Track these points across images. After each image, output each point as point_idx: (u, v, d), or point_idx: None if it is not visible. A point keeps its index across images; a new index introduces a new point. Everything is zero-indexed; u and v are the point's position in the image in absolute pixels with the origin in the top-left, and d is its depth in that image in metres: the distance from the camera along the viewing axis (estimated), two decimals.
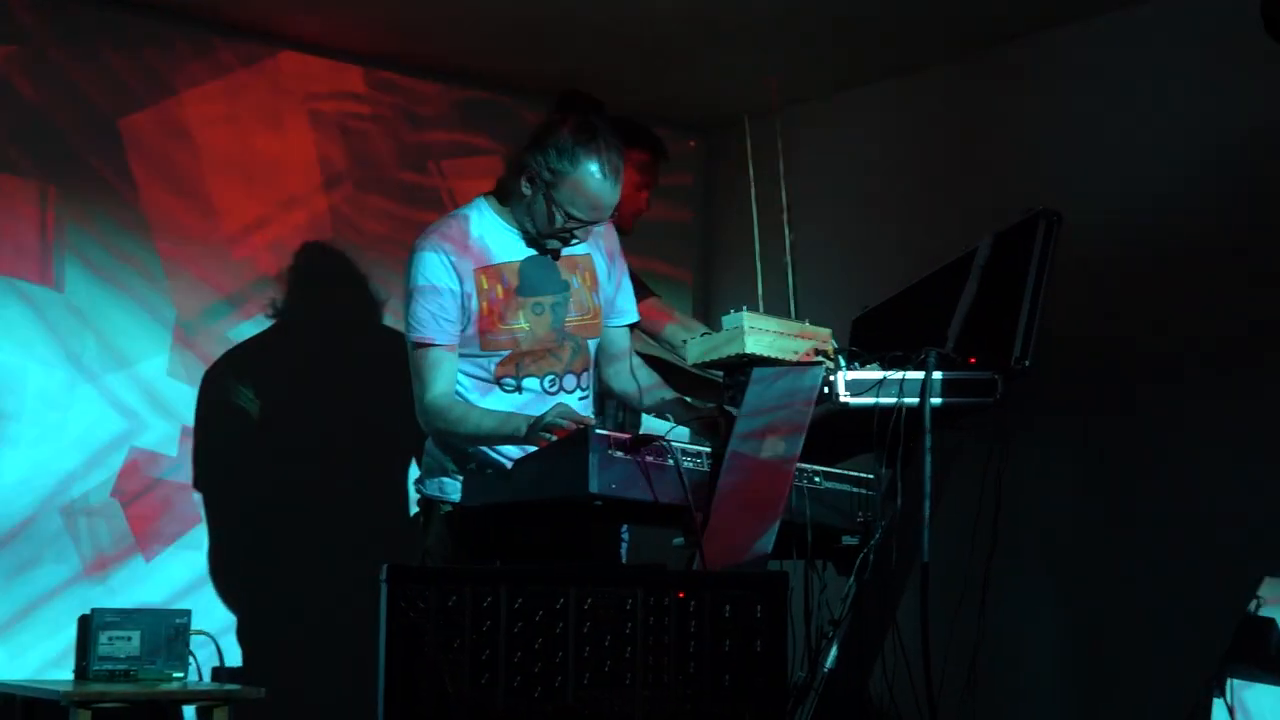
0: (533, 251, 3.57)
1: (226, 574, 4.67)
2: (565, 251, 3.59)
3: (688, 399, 3.74)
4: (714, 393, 3.79)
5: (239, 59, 4.84)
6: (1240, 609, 4.19)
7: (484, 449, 3.51)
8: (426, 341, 3.50)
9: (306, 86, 4.96)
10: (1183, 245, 4.22)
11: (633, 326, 3.84)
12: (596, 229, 3.58)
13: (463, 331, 3.52)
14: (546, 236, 3.53)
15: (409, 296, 3.53)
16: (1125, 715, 4.17)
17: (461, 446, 3.54)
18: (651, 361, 4.06)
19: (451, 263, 3.50)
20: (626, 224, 4.15)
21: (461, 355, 3.54)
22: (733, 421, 3.42)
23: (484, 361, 3.54)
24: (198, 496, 4.65)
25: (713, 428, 3.49)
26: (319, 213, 4.96)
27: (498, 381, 3.55)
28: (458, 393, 3.53)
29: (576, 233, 3.53)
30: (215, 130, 4.79)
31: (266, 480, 4.75)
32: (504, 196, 3.58)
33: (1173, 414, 4.18)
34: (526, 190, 3.50)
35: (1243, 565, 4.02)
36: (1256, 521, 3.95)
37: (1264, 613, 4.53)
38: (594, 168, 3.45)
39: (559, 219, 3.48)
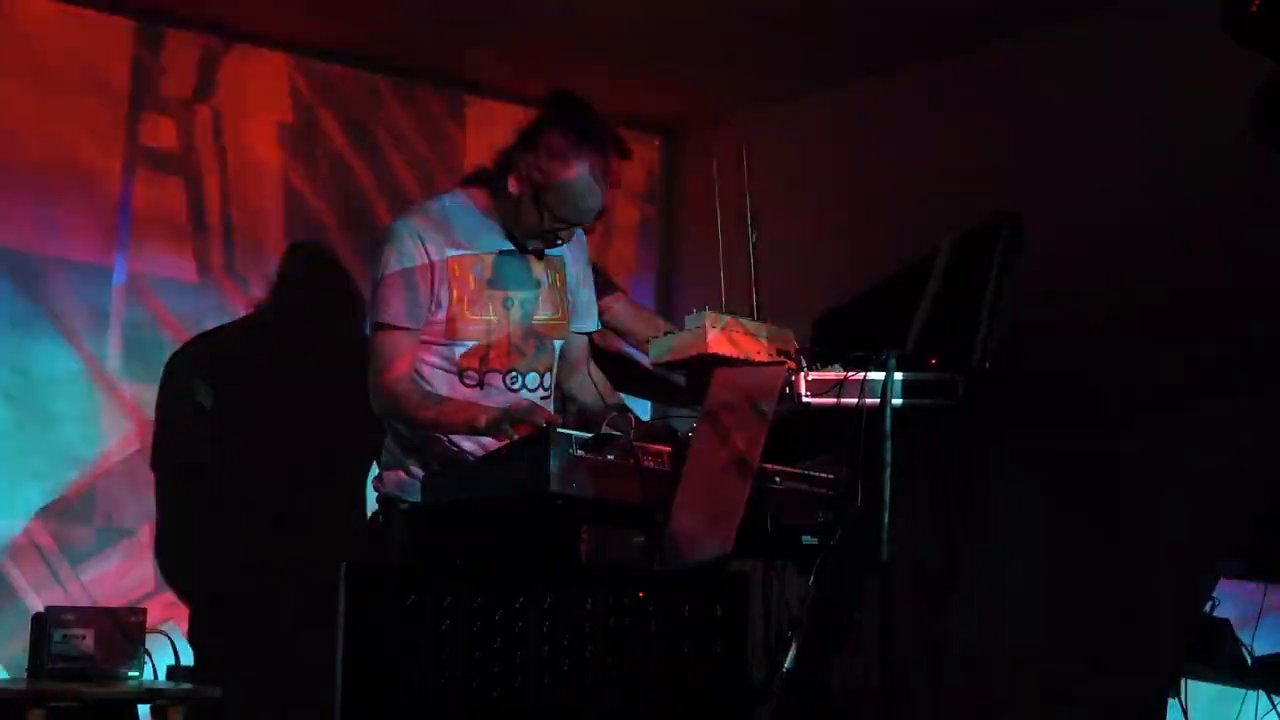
0: (507, 245, 3.56)
1: (182, 572, 4.63)
2: None
3: (633, 413, 3.73)
4: (677, 394, 3.79)
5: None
6: (1196, 610, 4.23)
7: (445, 444, 3.49)
8: (390, 322, 3.48)
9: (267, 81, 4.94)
10: (1144, 246, 4.24)
11: (595, 329, 3.84)
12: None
13: (429, 317, 3.50)
14: (531, 236, 3.53)
15: (377, 277, 3.50)
16: (1085, 715, 4.19)
17: (418, 440, 3.52)
18: (615, 360, 4.06)
19: (425, 247, 3.48)
20: (590, 223, 4.14)
21: (426, 343, 3.51)
22: (674, 434, 3.43)
23: (448, 351, 3.53)
24: (153, 491, 4.62)
25: (655, 442, 3.47)
26: (281, 205, 4.93)
27: (460, 373, 3.53)
28: (418, 382, 3.51)
29: (561, 234, 3.53)
30: None
31: (223, 476, 4.72)
32: (488, 191, 3.57)
33: (1131, 415, 4.20)
34: (514, 189, 3.49)
35: (1200, 566, 4.05)
36: (1214, 523, 3.97)
37: (1219, 614, 4.57)
38: (584, 170, 3.45)
39: (547, 219, 3.48)
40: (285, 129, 4.92)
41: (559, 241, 3.56)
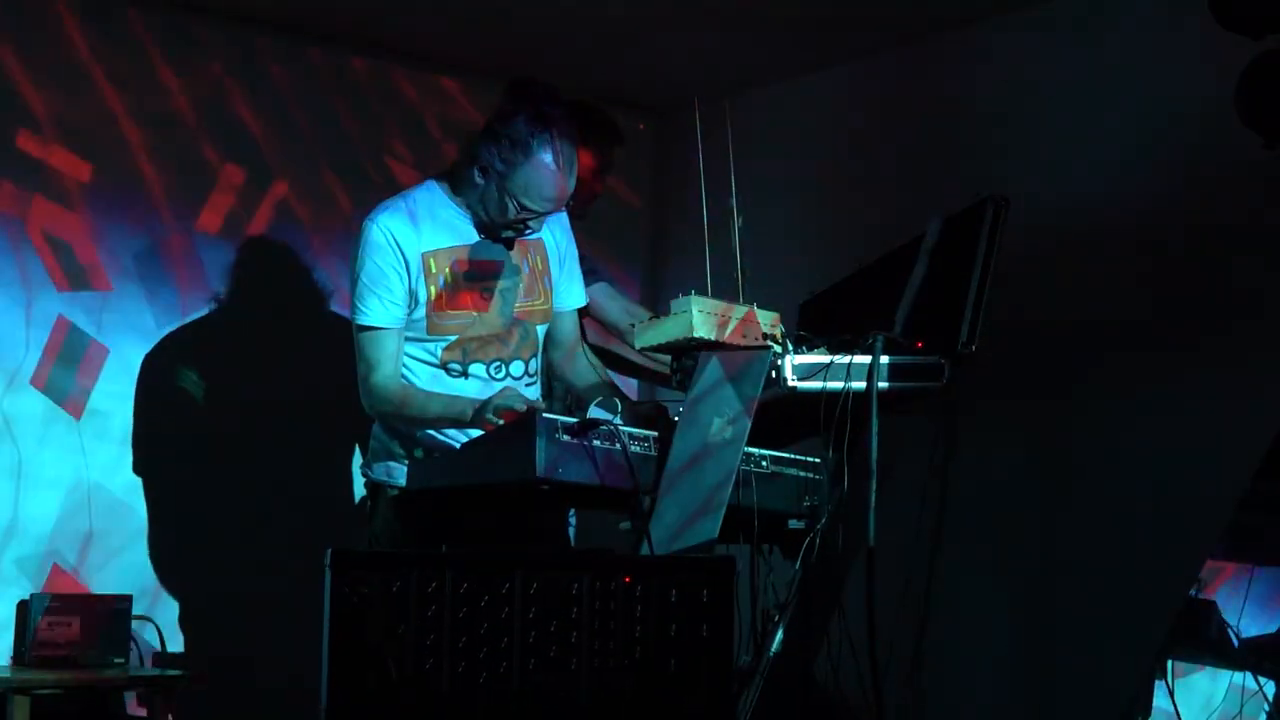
0: (480, 236, 3.55)
1: (169, 559, 4.62)
2: None
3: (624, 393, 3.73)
4: (662, 379, 3.78)
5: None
6: (1182, 592, 4.24)
7: (430, 433, 3.49)
8: (371, 325, 3.47)
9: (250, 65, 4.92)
10: (1128, 229, 4.24)
11: (581, 311, 3.82)
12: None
13: (409, 314, 3.49)
14: (500, 226, 3.51)
15: (355, 277, 3.50)
16: (1070, 696, 4.20)
17: (407, 430, 3.52)
18: (597, 350, 4.04)
19: (399, 244, 3.47)
20: (580, 207, 4.12)
21: (408, 339, 3.51)
22: (666, 415, 3.42)
23: (430, 346, 3.52)
24: (140, 481, 4.60)
25: (649, 424, 3.47)
26: (264, 196, 4.91)
27: (444, 366, 3.53)
28: (403, 376, 3.51)
29: (530, 223, 3.51)
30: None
31: (210, 465, 4.71)
32: (456, 182, 3.55)
33: (1116, 398, 4.20)
34: (479, 179, 3.48)
35: (1185, 549, 4.06)
36: (1199, 505, 3.98)
37: (1205, 596, 4.58)
38: (548, 159, 3.42)
39: (512, 209, 3.46)
40: None
41: (528, 231, 3.54)
